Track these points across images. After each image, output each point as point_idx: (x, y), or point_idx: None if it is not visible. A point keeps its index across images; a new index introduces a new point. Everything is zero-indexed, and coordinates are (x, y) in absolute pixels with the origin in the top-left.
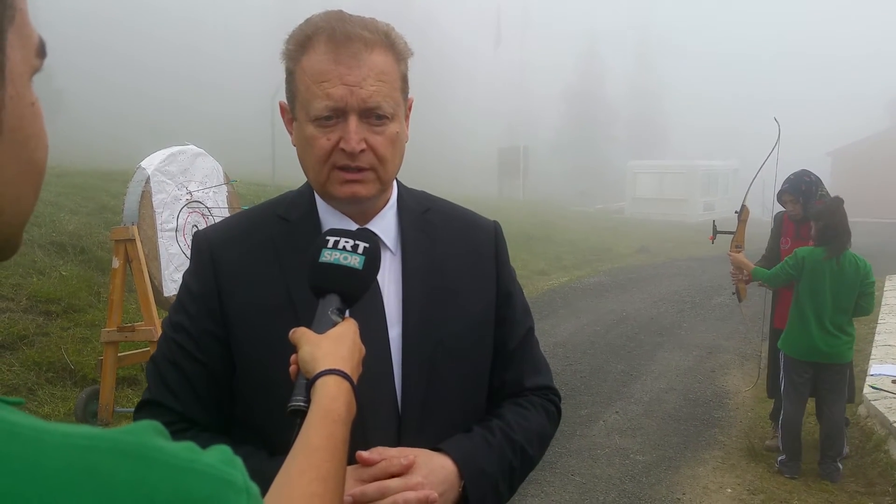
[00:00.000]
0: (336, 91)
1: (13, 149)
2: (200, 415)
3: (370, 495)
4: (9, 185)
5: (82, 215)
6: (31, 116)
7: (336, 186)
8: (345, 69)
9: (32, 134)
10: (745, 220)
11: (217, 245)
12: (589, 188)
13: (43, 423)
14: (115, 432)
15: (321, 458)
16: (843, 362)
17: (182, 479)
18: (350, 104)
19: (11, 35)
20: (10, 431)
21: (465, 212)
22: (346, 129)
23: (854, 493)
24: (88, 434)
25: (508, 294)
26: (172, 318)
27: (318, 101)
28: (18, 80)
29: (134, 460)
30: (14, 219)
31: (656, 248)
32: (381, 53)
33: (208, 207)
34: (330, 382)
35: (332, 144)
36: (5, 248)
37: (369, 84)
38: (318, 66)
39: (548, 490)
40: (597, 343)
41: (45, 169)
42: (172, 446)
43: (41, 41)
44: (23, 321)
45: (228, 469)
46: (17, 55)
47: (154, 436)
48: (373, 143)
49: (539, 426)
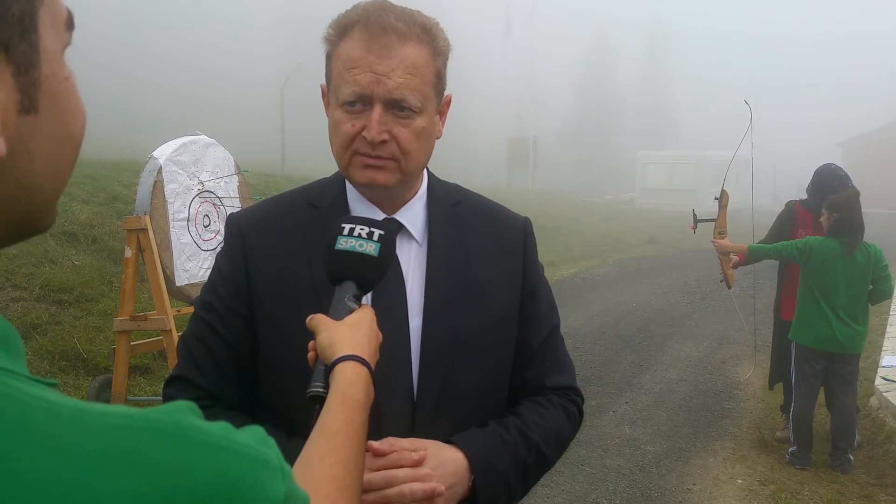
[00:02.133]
0: (363, 78)
1: (51, 126)
2: (225, 392)
3: (376, 484)
4: (48, 163)
5: (94, 205)
6: (66, 91)
7: (356, 171)
8: (375, 58)
9: (69, 108)
10: (725, 205)
11: (248, 228)
12: (598, 179)
13: (82, 402)
14: (152, 412)
15: (341, 443)
16: (857, 352)
17: (219, 458)
18: (376, 93)
19: (43, 13)
20: (50, 410)
21: (496, 206)
22: (370, 117)
23: (865, 485)
24: (126, 414)
25: (534, 292)
26: (203, 297)
27: (346, 87)
28: (53, 59)
29: (172, 439)
30: (53, 193)
31: (666, 239)
32: (414, 47)
33: (220, 197)
34: (348, 368)
35: (356, 131)
36: (44, 220)
37: (397, 75)
38: (352, 52)
39: (558, 480)
40: (607, 334)
41: (83, 139)
42: (209, 426)
43: (69, 13)
44: (36, 310)
45: (263, 448)
46: (50, 33)
47: (190, 415)
48: (397, 134)
49: (557, 426)
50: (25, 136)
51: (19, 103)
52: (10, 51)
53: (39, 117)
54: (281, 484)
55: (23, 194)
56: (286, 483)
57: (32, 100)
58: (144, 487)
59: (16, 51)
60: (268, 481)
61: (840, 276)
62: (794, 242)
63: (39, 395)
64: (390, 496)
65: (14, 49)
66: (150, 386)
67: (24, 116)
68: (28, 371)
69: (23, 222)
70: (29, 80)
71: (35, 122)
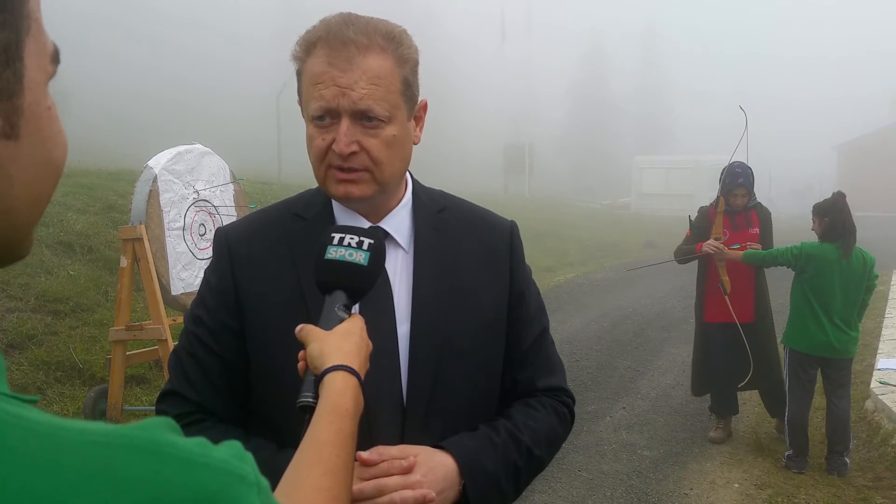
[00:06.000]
0: (328, 92)
1: (32, 152)
2: (217, 406)
3: (367, 493)
4: (27, 187)
5: (90, 215)
6: (48, 120)
7: (332, 185)
8: (337, 72)
9: (50, 136)
10: (720, 211)
11: (235, 241)
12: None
13: (59, 419)
14: (128, 428)
15: (329, 453)
16: (850, 357)
17: (194, 474)
18: (342, 105)
19: (29, 44)
20: (27, 428)
21: (482, 211)
22: (339, 130)
23: (861, 488)
24: (103, 431)
25: (521, 294)
26: (193, 311)
27: (313, 102)
28: (36, 88)
29: (148, 456)
30: (30, 219)
31: (663, 244)
32: (377, 57)
33: (215, 206)
34: (338, 378)
35: (326, 145)
36: (20, 248)
37: (361, 87)
38: (316, 68)
39: (555, 486)
40: (603, 339)
41: (63, 167)
42: (184, 442)
43: (55, 48)
44: (31, 320)
45: (239, 464)
46: (35, 63)
47: (167, 431)
48: (367, 145)
49: (548, 427)
50: (6, 161)
51: (1, 129)
52: None
53: (20, 143)
54: (256, 499)
55: (1, 218)
56: (262, 498)
57: (14, 126)
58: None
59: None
60: (244, 496)
61: (837, 282)
62: (790, 248)
63: (15, 412)
64: None
65: None
66: (146, 396)
67: (5, 142)
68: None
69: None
70: (11, 106)
71: (16, 147)
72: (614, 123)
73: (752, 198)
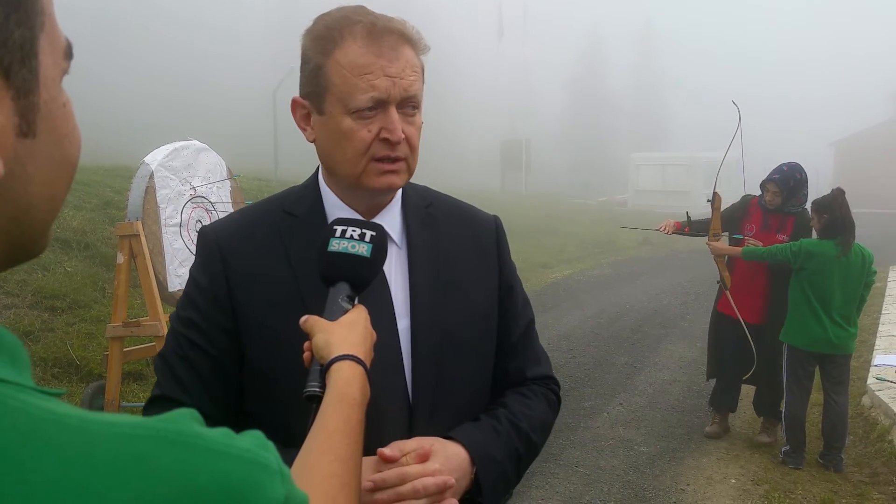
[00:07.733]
0: (381, 82)
1: (48, 149)
2: (211, 409)
3: (390, 481)
4: (45, 185)
5: (86, 211)
6: (63, 117)
7: (373, 178)
8: (386, 62)
9: (66, 133)
10: (718, 207)
11: (225, 239)
12: (591, 181)
13: (87, 413)
14: (155, 420)
15: (339, 441)
16: (849, 353)
17: (220, 464)
18: (392, 95)
19: (43, 41)
20: (58, 422)
21: (466, 206)
22: (388, 119)
23: (858, 483)
24: (131, 423)
25: (510, 287)
26: (181, 313)
27: (360, 94)
28: (51, 84)
29: (176, 447)
30: (48, 216)
31: (659, 241)
32: (410, 47)
33: (212, 202)
34: (344, 367)
35: (372, 136)
36: (36, 246)
37: (408, 75)
38: (359, 59)
39: (552, 482)
40: (600, 335)
41: (78, 163)
42: (210, 432)
43: (68, 43)
44: (28, 317)
45: (263, 452)
46: (49, 59)
47: (192, 423)
48: (408, 133)
49: (541, 414)
50: (23, 159)
51: (18, 127)
52: (11, 76)
53: (37, 141)
54: (281, 487)
55: (20, 216)
56: (286, 486)
57: (31, 124)
58: (151, 494)
59: (16, 76)
60: (268, 484)
61: (836, 278)
62: (788, 245)
63: (46, 406)
64: (404, 492)
65: (14, 74)
66: (143, 392)
67: (23, 140)
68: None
69: (18, 245)
70: (28, 104)
71: (33, 145)
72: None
73: (790, 201)
